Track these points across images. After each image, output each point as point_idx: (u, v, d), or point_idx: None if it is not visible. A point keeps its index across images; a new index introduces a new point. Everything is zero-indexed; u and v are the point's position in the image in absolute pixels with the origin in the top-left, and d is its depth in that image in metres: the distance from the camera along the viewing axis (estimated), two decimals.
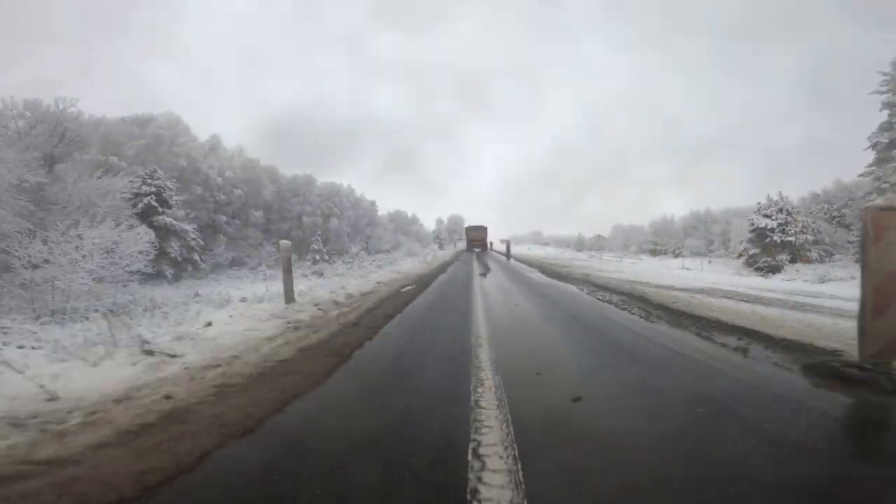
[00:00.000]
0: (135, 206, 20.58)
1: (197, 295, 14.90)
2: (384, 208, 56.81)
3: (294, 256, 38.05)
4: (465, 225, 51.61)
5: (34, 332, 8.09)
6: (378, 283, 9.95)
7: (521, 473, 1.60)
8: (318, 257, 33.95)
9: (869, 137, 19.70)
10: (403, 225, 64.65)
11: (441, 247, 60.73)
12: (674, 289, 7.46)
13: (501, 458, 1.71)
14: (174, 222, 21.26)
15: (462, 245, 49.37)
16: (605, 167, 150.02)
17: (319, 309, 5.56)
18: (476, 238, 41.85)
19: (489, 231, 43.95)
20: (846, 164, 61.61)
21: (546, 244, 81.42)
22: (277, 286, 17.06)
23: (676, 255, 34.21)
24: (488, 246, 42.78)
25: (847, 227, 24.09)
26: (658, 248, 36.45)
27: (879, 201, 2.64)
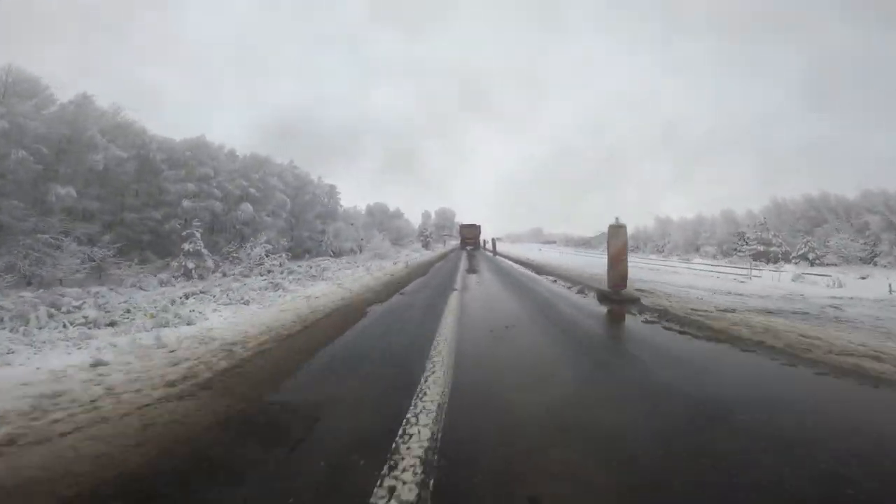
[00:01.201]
0: None
1: None
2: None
3: (169, 262, 22.98)
4: (458, 222, 55.15)
5: None
6: None
7: None
8: (191, 265, 19.72)
9: None
10: (385, 220, 51.21)
11: (426, 245, 46.50)
12: None
13: None
14: None
15: (452, 244, 52.23)
16: (607, 166, 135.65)
17: None
18: (469, 236, 44.47)
19: (484, 229, 47.33)
20: (846, 163, 55.19)
21: (553, 242, 67.24)
22: None
23: (813, 263, 19.88)
24: (481, 244, 44.53)
25: None
26: (773, 249, 21.86)
27: None
